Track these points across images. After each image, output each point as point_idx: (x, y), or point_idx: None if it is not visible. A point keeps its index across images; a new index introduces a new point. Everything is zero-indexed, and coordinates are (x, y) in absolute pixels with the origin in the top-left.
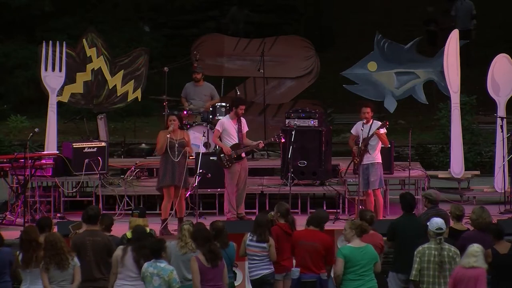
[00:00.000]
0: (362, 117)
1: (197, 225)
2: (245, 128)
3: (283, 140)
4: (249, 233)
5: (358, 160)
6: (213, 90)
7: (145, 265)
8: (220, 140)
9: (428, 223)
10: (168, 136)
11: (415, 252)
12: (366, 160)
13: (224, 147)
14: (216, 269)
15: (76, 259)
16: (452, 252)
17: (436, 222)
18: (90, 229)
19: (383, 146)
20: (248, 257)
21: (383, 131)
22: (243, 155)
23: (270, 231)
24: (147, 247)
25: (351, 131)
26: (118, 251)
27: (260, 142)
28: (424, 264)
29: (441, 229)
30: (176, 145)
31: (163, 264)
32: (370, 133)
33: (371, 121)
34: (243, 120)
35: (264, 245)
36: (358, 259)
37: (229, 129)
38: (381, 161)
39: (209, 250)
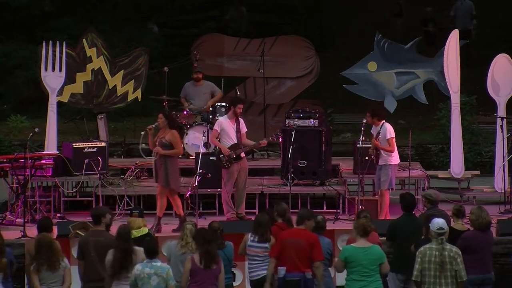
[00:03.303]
0: None
1: (208, 226)
2: (243, 129)
3: (280, 140)
4: (249, 234)
5: (375, 160)
6: (213, 87)
7: (139, 266)
8: (219, 140)
9: (429, 224)
10: (144, 133)
11: (417, 253)
12: (381, 161)
13: (222, 148)
14: (209, 272)
15: (66, 261)
16: (454, 253)
17: (438, 222)
18: (95, 229)
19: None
20: (249, 257)
21: (388, 136)
22: (242, 155)
23: (270, 230)
24: (125, 249)
25: (371, 131)
26: (109, 255)
27: (262, 141)
28: (425, 264)
29: (442, 229)
30: (157, 143)
31: (159, 263)
32: (378, 136)
33: (379, 123)
34: (241, 120)
35: (266, 245)
36: (360, 259)
37: (228, 129)
38: (395, 163)
39: (206, 251)
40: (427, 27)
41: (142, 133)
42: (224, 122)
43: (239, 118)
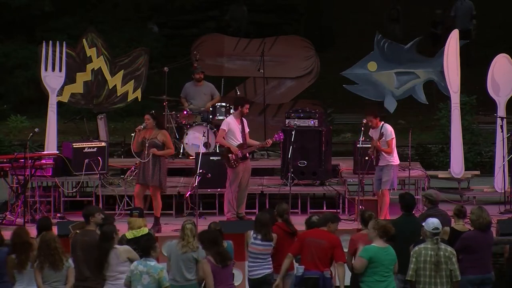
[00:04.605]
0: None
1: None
2: (246, 129)
3: (282, 137)
4: (252, 232)
5: (373, 159)
6: (213, 88)
7: (135, 263)
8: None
9: (424, 224)
10: (134, 134)
11: (412, 252)
12: (382, 162)
13: (232, 147)
14: (227, 269)
15: (70, 261)
16: (448, 252)
17: (432, 222)
18: (85, 229)
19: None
20: (251, 255)
21: (389, 137)
22: (247, 155)
23: (271, 229)
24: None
25: (369, 133)
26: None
27: (268, 141)
28: (420, 264)
29: (437, 229)
30: (146, 144)
31: (153, 263)
32: (382, 137)
33: (379, 125)
34: (244, 120)
35: (271, 243)
36: (382, 259)
37: (234, 129)
38: (397, 163)
39: (217, 252)
40: (436, 29)
41: (133, 134)
42: (231, 122)
43: (243, 118)
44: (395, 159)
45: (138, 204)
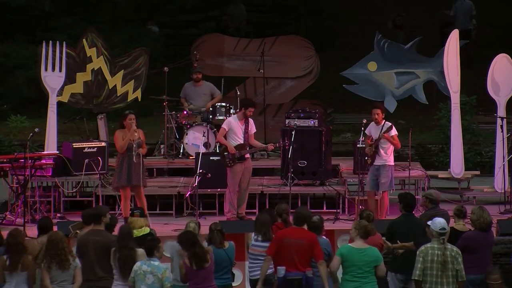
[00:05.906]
0: (373, 119)
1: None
2: (252, 129)
3: (287, 144)
4: (253, 234)
5: (370, 160)
6: (213, 87)
7: (138, 263)
8: (225, 139)
9: (430, 223)
10: (136, 134)
11: (418, 252)
12: (378, 161)
13: (229, 146)
14: (204, 271)
15: (77, 260)
16: (455, 252)
17: (439, 222)
18: (94, 229)
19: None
20: (251, 256)
21: (393, 133)
22: (247, 155)
23: (272, 229)
24: (130, 247)
25: (365, 131)
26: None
27: (270, 145)
28: (427, 264)
29: (444, 229)
30: (134, 145)
31: (156, 263)
32: (380, 134)
33: (382, 122)
34: (250, 121)
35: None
36: (355, 260)
37: (236, 129)
38: (393, 164)
39: (194, 253)
40: (446, 29)
41: (136, 134)
42: (233, 122)
43: (249, 119)
44: (391, 160)
45: (128, 206)
